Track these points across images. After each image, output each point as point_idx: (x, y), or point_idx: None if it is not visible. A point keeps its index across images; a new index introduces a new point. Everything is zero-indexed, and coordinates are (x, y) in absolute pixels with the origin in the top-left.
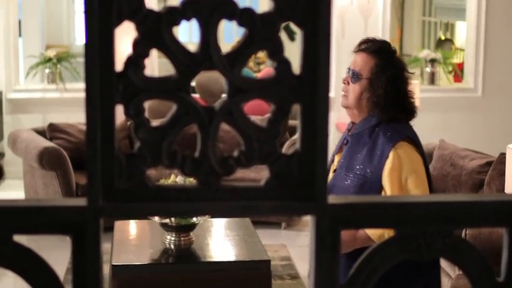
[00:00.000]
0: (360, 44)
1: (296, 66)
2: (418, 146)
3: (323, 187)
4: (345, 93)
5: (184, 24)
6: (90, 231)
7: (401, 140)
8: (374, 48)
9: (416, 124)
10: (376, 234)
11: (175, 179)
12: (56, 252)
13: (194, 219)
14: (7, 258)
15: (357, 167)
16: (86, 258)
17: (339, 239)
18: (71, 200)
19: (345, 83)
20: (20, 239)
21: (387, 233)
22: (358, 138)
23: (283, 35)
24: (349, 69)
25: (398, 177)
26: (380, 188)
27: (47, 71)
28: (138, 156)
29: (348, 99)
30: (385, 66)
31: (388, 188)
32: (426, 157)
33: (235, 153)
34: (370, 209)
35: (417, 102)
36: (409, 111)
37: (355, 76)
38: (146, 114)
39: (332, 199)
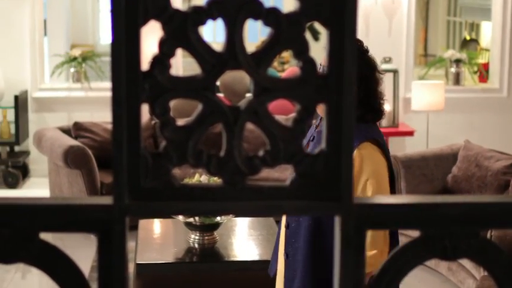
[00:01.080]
0: None
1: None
2: (383, 147)
3: (349, 187)
4: None
5: (208, 23)
6: (116, 230)
7: (366, 140)
8: None
9: (441, 125)
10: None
11: (200, 178)
12: (81, 250)
13: (218, 218)
14: (34, 256)
15: None
16: (112, 256)
17: (364, 240)
18: (97, 198)
19: None
20: (45, 237)
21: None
22: None
23: (307, 35)
24: (320, 65)
25: (358, 178)
26: None
27: (72, 70)
28: (164, 155)
29: None
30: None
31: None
32: (391, 159)
33: (261, 153)
34: (396, 209)
35: (442, 103)
36: (378, 111)
37: None
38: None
39: (357, 199)
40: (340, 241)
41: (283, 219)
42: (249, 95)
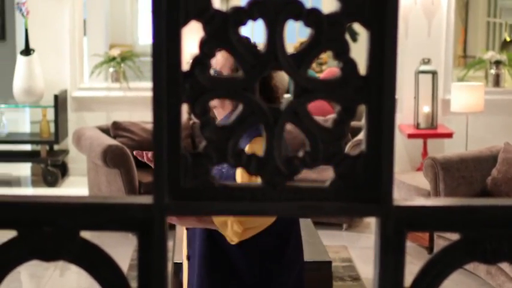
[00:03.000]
0: None
1: (361, 67)
2: None
3: (389, 189)
4: None
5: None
6: (156, 229)
7: (258, 135)
8: None
9: (480, 126)
10: (219, 220)
11: None
12: (118, 249)
13: None
14: (75, 254)
15: None
16: (151, 255)
17: (405, 242)
18: (137, 197)
19: None
20: (84, 235)
21: (230, 221)
22: None
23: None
24: (214, 70)
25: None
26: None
27: (110, 69)
28: (204, 155)
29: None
30: None
31: (238, 181)
32: None
33: (300, 154)
34: (436, 212)
35: (482, 105)
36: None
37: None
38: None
39: (398, 201)
40: (380, 243)
41: None
42: (287, 95)
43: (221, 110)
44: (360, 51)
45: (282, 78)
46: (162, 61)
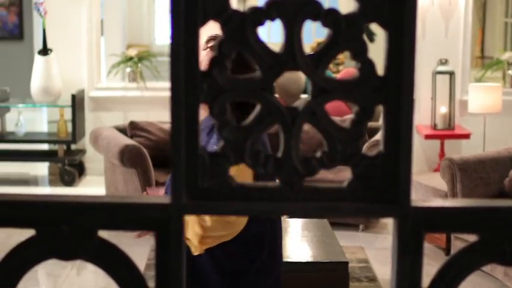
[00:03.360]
0: (207, 41)
1: (379, 67)
2: None
3: (407, 189)
4: None
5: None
6: (173, 228)
7: None
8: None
9: (498, 127)
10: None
11: None
12: (136, 248)
13: None
14: (93, 253)
15: None
16: (169, 255)
17: (422, 243)
18: (155, 197)
19: None
20: (101, 235)
21: (191, 222)
22: (201, 135)
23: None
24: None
25: None
26: None
27: (128, 69)
28: (222, 155)
29: None
30: None
31: None
32: None
33: (318, 154)
34: (454, 213)
35: (499, 106)
36: (245, 106)
37: None
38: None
39: (416, 202)
40: (397, 244)
41: None
42: (304, 95)
43: (203, 112)
44: (377, 51)
45: (298, 78)
46: (180, 61)
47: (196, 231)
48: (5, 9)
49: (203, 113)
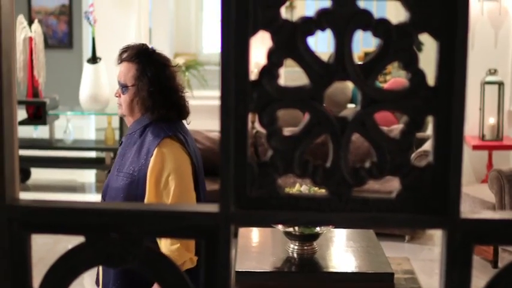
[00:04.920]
0: (120, 54)
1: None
2: (185, 144)
3: (457, 201)
4: (120, 104)
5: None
6: (221, 237)
7: (166, 137)
8: (132, 54)
9: None
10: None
11: (300, 188)
12: None
13: (318, 228)
14: (140, 260)
15: (127, 166)
16: (216, 263)
17: (471, 255)
18: (203, 205)
19: (117, 96)
20: None
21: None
22: (130, 139)
23: None
24: (119, 81)
25: (160, 174)
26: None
27: None
28: (270, 164)
29: (122, 109)
30: (145, 69)
31: (148, 185)
32: (194, 155)
33: (367, 164)
34: (503, 225)
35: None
36: (181, 107)
37: (123, 88)
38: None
39: (465, 214)
40: (446, 256)
41: None
42: (350, 105)
43: (130, 119)
44: (425, 61)
45: (345, 87)
46: (230, 70)
47: (171, 248)
48: (55, 18)
49: (130, 119)
